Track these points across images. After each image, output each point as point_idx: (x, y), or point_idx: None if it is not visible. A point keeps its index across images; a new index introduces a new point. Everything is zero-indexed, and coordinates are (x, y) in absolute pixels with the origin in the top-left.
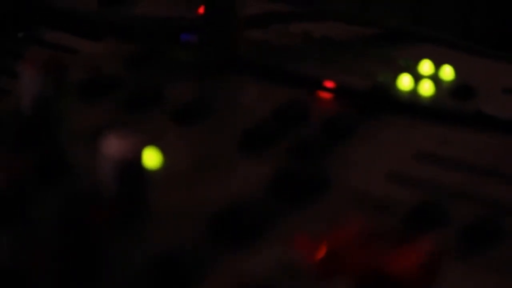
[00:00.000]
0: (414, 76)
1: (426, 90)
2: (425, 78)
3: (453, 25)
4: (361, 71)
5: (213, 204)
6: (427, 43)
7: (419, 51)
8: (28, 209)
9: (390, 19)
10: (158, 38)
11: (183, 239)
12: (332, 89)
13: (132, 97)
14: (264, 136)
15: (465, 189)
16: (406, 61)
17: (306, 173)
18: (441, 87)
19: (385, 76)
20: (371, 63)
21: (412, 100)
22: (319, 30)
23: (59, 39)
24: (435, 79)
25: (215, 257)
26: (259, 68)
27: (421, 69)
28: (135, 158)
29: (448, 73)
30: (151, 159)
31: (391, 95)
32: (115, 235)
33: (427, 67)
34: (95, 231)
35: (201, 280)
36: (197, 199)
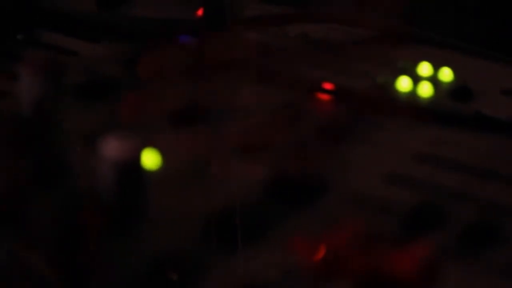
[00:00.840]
0: (413, 78)
1: (425, 91)
2: (424, 79)
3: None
4: (360, 73)
5: (211, 206)
6: (426, 44)
7: (418, 53)
8: (26, 211)
9: (389, 21)
10: (155, 39)
11: (182, 241)
12: (331, 91)
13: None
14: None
15: (464, 191)
16: (405, 63)
17: (304, 175)
18: (440, 89)
19: (384, 78)
20: (370, 65)
21: (411, 101)
22: (317, 32)
23: (57, 41)
24: (434, 80)
25: (214, 259)
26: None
27: (420, 71)
28: (133, 159)
29: (446, 74)
30: (149, 160)
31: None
32: (112, 237)
33: (426, 69)
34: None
35: (200, 282)
36: (195, 200)
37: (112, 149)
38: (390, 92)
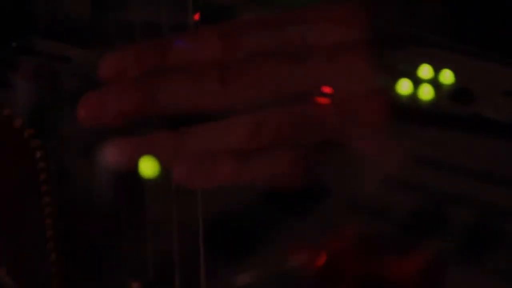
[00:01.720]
0: (413, 80)
1: (425, 94)
2: (424, 82)
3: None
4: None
5: (210, 212)
6: (426, 46)
7: (418, 55)
8: (26, 216)
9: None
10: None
11: (181, 247)
12: (329, 95)
13: None
14: None
15: (465, 194)
16: (405, 66)
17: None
18: (440, 91)
19: (384, 80)
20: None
21: (411, 104)
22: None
23: (52, 48)
24: (435, 83)
25: (213, 266)
26: None
27: (420, 73)
28: (131, 166)
29: (447, 77)
30: (147, 167)
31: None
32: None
33: (426, 71)
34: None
35: None
36: (194, 207)
37: (109, 155)
38: (390, 94)
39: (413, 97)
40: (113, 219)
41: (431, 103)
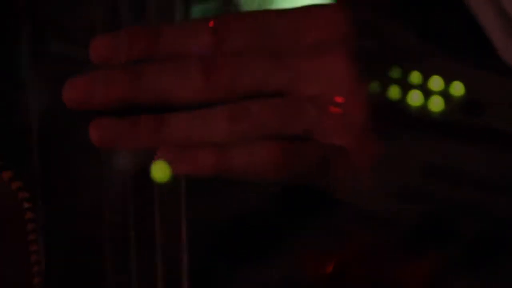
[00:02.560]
0: (424, 91)
1: (436, 105)
2: (435, 94)
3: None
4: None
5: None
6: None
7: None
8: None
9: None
10: None
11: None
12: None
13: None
14: None
15: (472, 204)
16: (415, 77)
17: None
18: (451, 103)
19: (395, 91)
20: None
21: (421, 115)
22: None
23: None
24: (445, 94)
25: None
26: None
27: (431, 85)
28: (143, 172)
29: (458, 89)
30: (159, 172)
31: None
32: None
33: (437, 83)
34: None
35: None
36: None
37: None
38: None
39: (424, 108)
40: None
41: (442, 115)
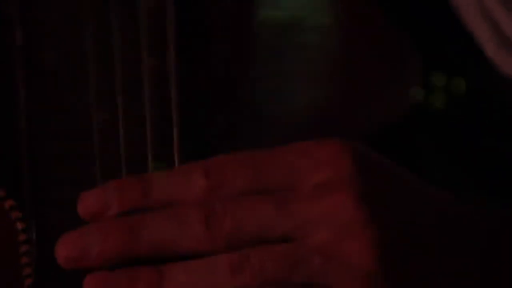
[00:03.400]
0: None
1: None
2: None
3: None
4: None
5: None
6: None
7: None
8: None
9: None
10: None
11: None
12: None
13: None
14: None
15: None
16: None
17: None
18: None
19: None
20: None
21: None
22: None
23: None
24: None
25: None
26: None
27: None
28: None
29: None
30: None
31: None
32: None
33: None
34: None
35: None
36: None
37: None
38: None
39: (425, 104)
40: None
41: (443, 110)
